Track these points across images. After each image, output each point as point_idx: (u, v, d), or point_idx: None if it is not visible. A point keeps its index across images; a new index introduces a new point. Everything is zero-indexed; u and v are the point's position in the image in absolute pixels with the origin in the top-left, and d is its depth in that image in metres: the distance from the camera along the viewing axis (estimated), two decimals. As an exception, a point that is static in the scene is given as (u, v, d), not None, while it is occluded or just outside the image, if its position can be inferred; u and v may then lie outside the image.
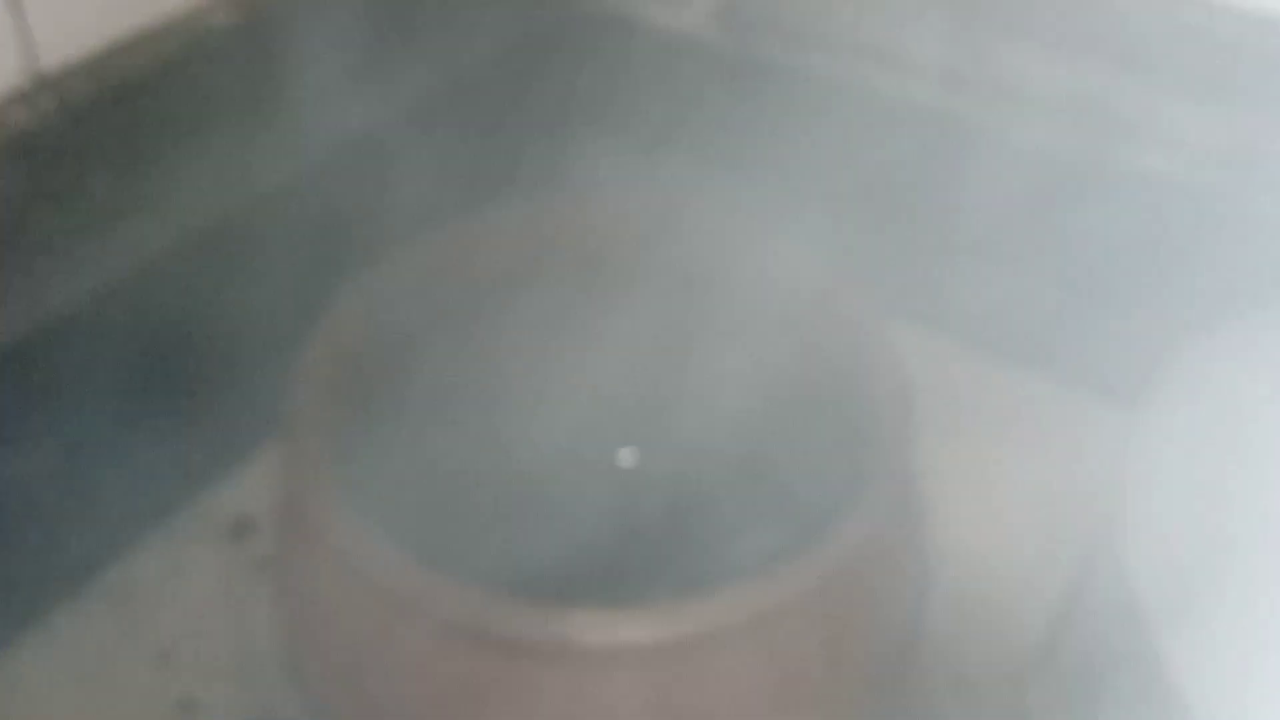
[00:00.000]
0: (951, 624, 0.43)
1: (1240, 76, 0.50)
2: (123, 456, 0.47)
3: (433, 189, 0.53)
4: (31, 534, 0.44)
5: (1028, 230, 0.55)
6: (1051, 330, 0.54)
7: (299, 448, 0.37)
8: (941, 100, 0.58)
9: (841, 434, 0.39)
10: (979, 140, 0.57)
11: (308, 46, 0.51)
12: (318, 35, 0.51)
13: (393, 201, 0.54)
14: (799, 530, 0.37)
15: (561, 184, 0.63)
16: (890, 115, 0.59)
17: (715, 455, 0.46)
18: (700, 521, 0.45)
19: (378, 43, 0.54)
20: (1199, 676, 0.30)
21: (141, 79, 0.45)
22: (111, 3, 0.45)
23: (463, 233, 0.43)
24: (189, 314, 0.48)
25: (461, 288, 0.43)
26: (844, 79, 0.59)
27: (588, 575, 0.42)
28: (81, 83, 0.43)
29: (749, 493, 0.44)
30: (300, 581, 0.40)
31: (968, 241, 0.57)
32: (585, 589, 0.43)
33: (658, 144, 0.64)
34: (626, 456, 0.48)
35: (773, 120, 0.61)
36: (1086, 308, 0.54)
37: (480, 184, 0.56)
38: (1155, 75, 0.52)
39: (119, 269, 0.46)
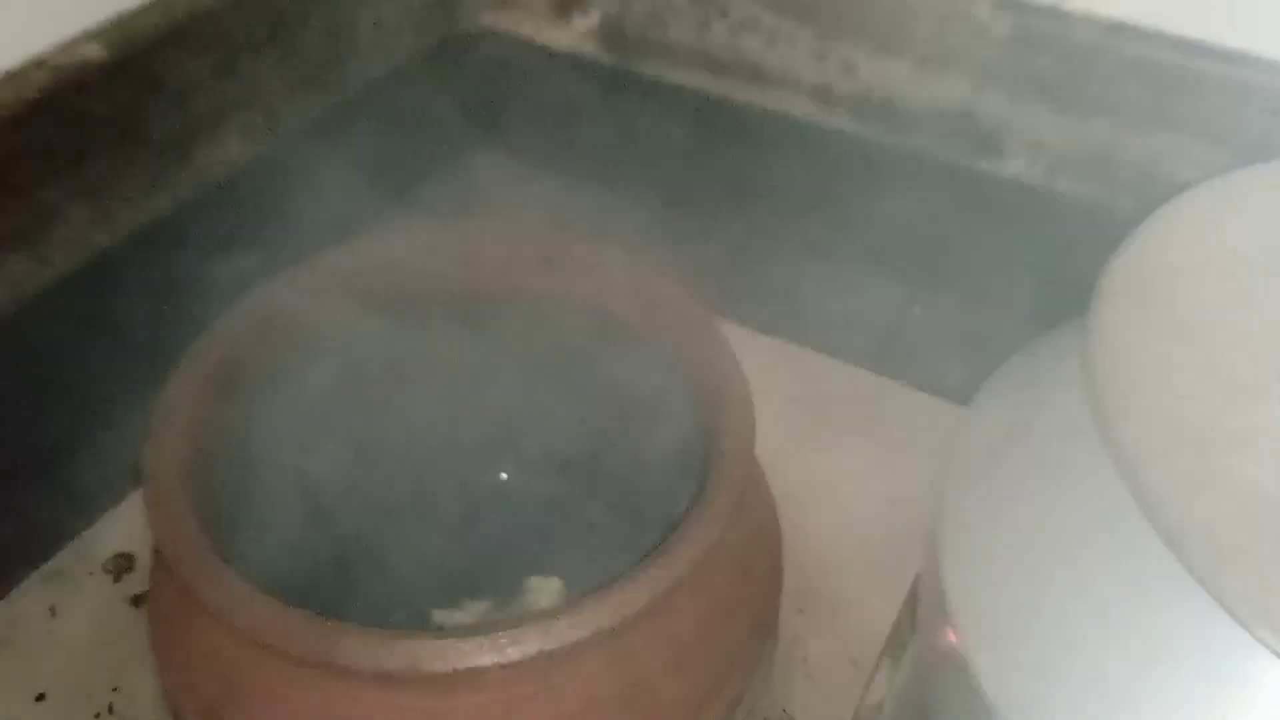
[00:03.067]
0: (803, 621, 0.45)
1: (1092, 84, 0.52)
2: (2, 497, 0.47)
3: (318, 211, 0.53)
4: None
5: (892, 239, 0.57)
6: (906, 335, 0.56)
7: (156, 487, 0.38)
8: (815, 114, 0.60)
9: (688, 441, 0.41)
10: (848, 152, 0.59)
11: (183, 78, 0.51)
12: (193, 67, 0.52)
13: (275, 230, 0.55)
14: (655, 536, 0.39)
15: (445, 201, 0.64)
16: (763, 129, 0.60)
17: (576, 467, 0.47)
18: (565, 531, 0.47)
19: (258, 69, 0.55)
20: (1011, 695, 0.31)
21: (14, 113, 0.45)
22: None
23: (335, 259, 0.44)
24: (67, 351, 0.49)
25: (334, 312, 0.44)
26: (719, 95, 0.61)
27: (458, 585, 0.44)
28: None
29: (608, 501, 0.46)
30: (169, 620, 0.40)
31: (833, 250, 0.59)
32: (455, 597, 0.44)
33: (538, 159, 0.66)
34: (497, 472, 0.49)
35: (650, 136, 0.63)
36: (942, 312, 0.56)
37: (366, 204, 0.57)
38: (1013, 84, 0.54)
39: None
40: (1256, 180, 0.35)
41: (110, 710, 0.44)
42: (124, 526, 0.50)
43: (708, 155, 0.63)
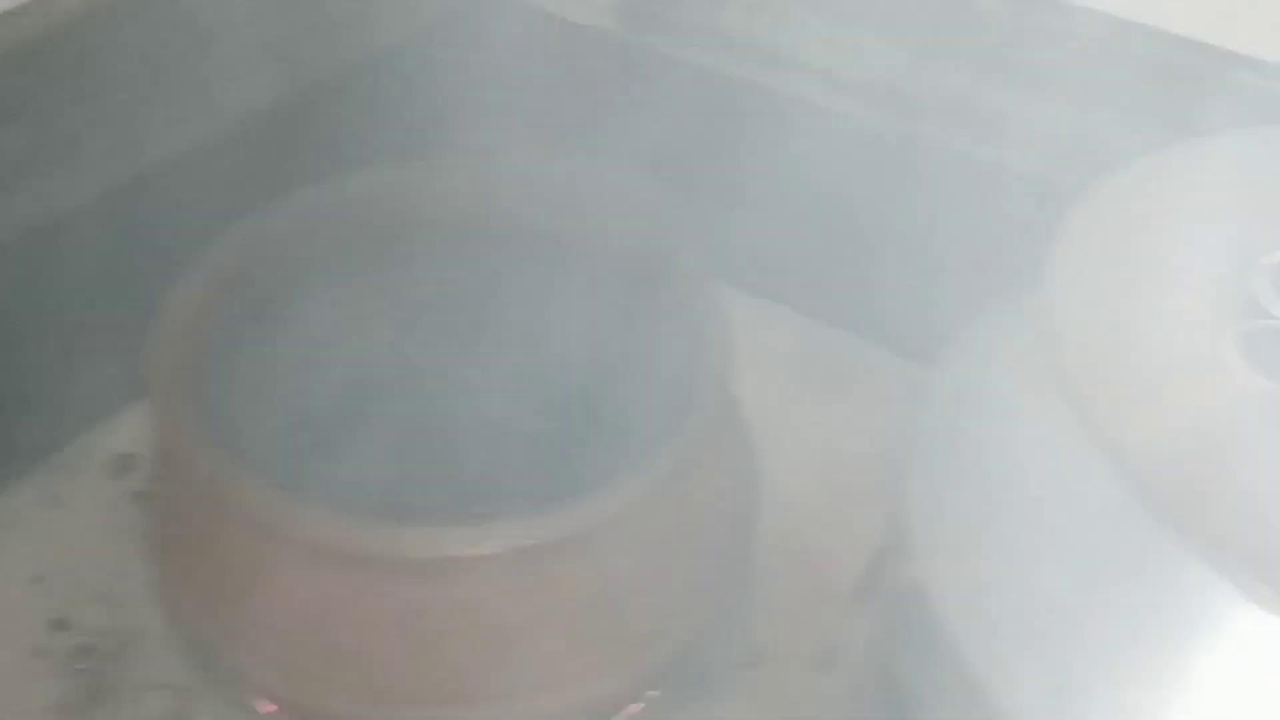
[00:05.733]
0: (776, 563, 0.47)
1: (1091, 77, 0.54)
2: (12, 395, 0.49)
3: (329, 162, 0.55)
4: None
5: (880, 214, 0.59)
6: (885, 302, 0.58)
7: (163, 385, 0.40)
8: (822, 97, 0.61)
9: (673, 377, 0.42)
10: (851, 134, 0.61)
11: (211, 17, 0.53)
12: (222, 7, 0.53)
13: (299, 169, 0.56)
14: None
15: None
16: (773, 110, 0.62)
17: (566, 402, 0.49)
18: (553, 459, 0.48)
19: (281, 23, 0.57)
20: (969, 627, 0.33)
21: (41, 41, 0.47)
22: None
23: (335, 188, 0.46)
24: (87, 265, 0.51)
25: (332, 240, 0.46)
26: (733, 74, 0.63)
27: (447, 504, 0.45)
28: None
29: (595, 434, 0.47)
30: (172, 512, 0.42)
31: (823, 224, 0.61)
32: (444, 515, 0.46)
33: (547, 127, 0.67)
34: (487, 399, 0.51)
35: (661, 110, 0.65)
36: (929, 288, 0.58)
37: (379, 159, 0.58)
38: (1013, 74, 0.56)
39: (21, 218, 0.48)
40: (1194, 151, 0.38)
41: (105, 594, 0.46)
42: (128, 429, 0.52)
43: (715, 132, 0.64)
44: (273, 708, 0.40)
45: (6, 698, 0.42)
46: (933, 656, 0.35)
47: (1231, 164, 0.37)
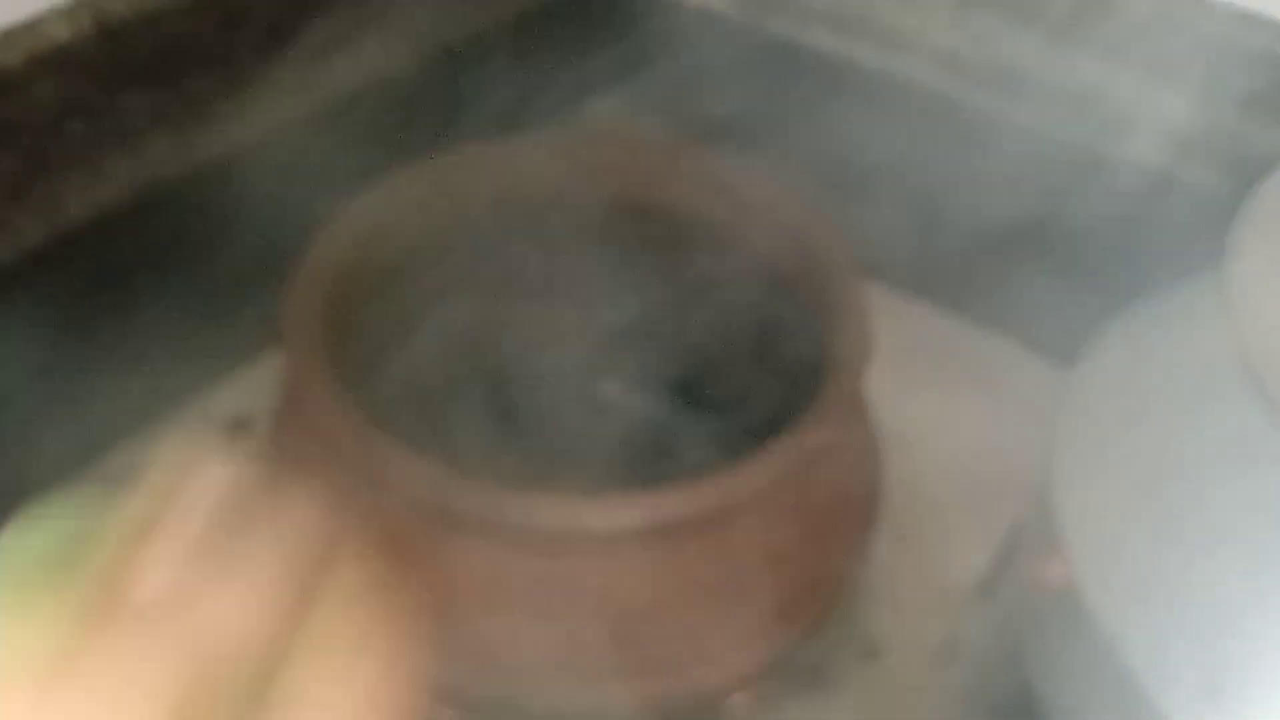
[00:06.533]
0: (896, 555, 0.46)
1: (1225, 73, 0.52)
2: (132, 355, 0.49)
3: (443, 138, 0.55)
4: (43, 416, 0.47)
5: (1013, 209, 0.57)
6: (1013, 295, 0.57)
7: (296, 342, 0.39)
8: (942, 82, 0.60)
9: (806, 363, 0.41)
10: (973, 121, 0.59)
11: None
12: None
13: (417, 134, 0.56)
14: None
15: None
16: (892, 94, 0.61)
17: (693, 381, 0.48)
18: (676, 438, 0.48)
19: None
20: (1126, 623, 0.32)
21: (175, 4, 0.47)
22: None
23: (464, 157, 0.46)
24: (201, 231, 0.51)
25: (459, 209, 0.46)
26: (851, 57, 0.62)
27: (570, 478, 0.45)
28: (117, 4, 0.45)
29: (722, 414, 0.47)
30: (290, 466, 0.42)
31: (954, 216, 0.59)
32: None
33: (658, 110, 0.67)
34: (611, 376, 0.50)
35: (781, 93, 0.64)
36: (1055, 282, 0.56)
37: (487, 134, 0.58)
38: (1148, 67, 0.54)
39: (141, 183, 0.48)
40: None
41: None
42: (244, 392, 0.53)
43: (832, 116, 0.63)
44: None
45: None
46: (1080, 654, 0.34)
47: None
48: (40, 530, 0.24)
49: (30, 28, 0.43)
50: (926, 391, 0.51)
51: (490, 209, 0.46)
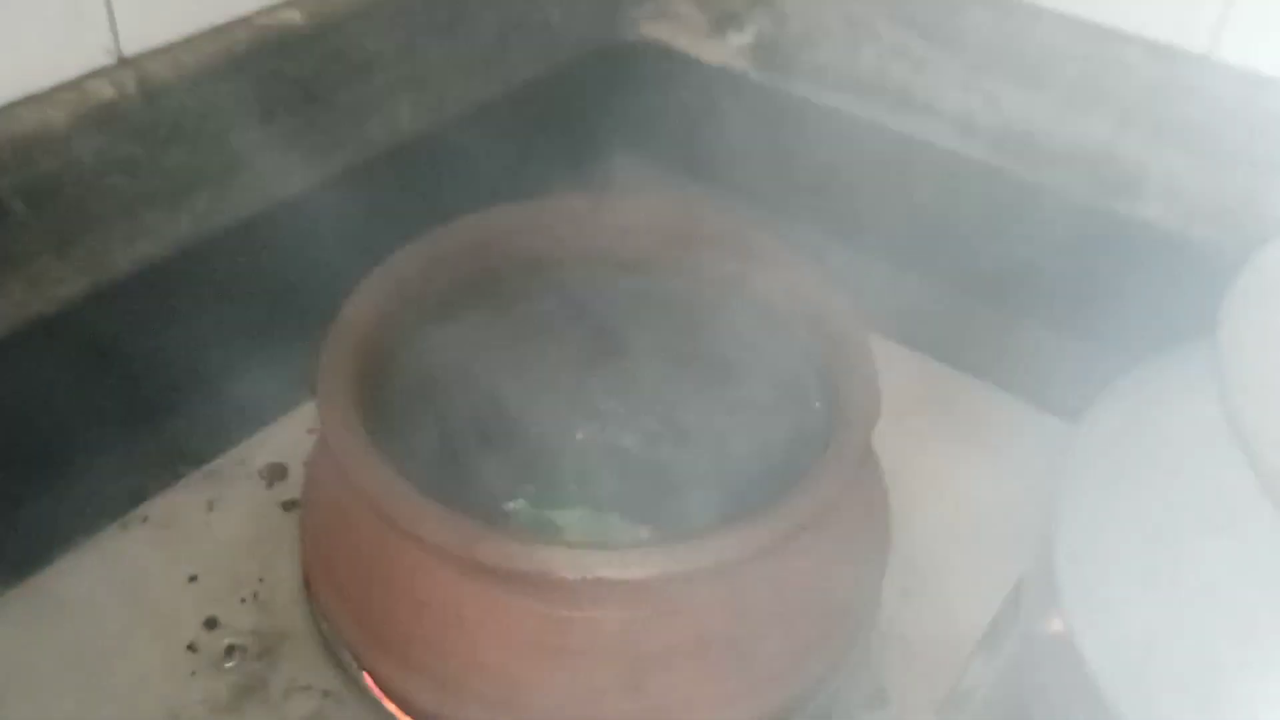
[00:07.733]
0: (903, 605, 0.47)
1: (1234, 134, 0.53)
2: (171, 404, 0.52)
3: (471, 194, 0.57)
4: (86, 462, 0.49)
5: (1020, 268, 0.59)
6: (1017, 352, 0.58)
7: (330, 395, 0.41)
8: (954, 142, 0.62)
9: (816, 421, 0.43)
10: (984, 181, 0.61)
11: (367, 51, 0.56)
12: (377, 43, 0.56)
13: (440, 195, 0.59)
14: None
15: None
16: (905, 154, 0.63)
17: (707, 438, 0.50)
18: (693, 494, 0.49)
19: (434, 53, 0.59)
20: (1120, 676, 0.33)
21: (215, 66, 0.49)
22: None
23: (482, 222, 0.48)
24: (242, 285, 0.53)
25: (480, 272, 0.48)
26: (865, 118, 0.64)
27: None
28: (160, 65, 0.47)
29: (737, 471, 0.48)
30: (322, 516, 0.44)
31: (961, 275, 0.61)
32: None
33: (678, 166, 0.69)
34: (629, 427, 0.52)
35: (797, 151, 0.65)
36: (1062, 340, 0.58)
37: (509, 190, 0.60)
38: (1157, 129, 0.56)
39: (181, 238, 0.50)
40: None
41: (255, 597, 0.48)
42: (281, 440, 0.55)
43: (847, 174, 0.65)
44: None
45: (160, 689, 0.44)
46: (1079, 707, 0.35)
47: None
48: None
49: (75, 85, 0.45)
50: (932, 443, 0.52)
51: (516, 267, 0.49)
